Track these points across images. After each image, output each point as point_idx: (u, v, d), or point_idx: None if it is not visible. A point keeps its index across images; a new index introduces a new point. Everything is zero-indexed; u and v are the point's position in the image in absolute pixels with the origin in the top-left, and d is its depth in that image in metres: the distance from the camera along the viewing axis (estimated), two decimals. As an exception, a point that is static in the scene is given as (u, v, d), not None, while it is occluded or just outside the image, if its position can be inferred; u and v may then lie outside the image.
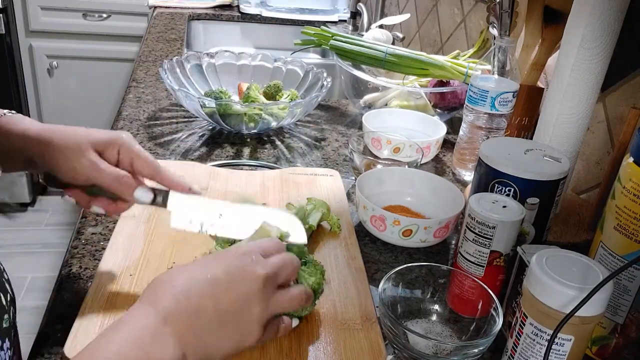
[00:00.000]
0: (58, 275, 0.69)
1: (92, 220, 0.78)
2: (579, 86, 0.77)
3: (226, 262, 0.51)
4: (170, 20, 1.96)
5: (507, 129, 0.97)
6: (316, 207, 0.79)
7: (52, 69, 2.58)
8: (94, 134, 0.63)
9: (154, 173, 0.64)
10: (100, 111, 2.65)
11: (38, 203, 2.78)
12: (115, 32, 2.56)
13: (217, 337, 0.49)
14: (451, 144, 1.12)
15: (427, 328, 0.64)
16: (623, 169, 0.55)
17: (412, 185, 0.89)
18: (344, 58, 1.27)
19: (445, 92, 1.18)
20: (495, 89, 0.92)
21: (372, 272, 0.75)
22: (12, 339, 0.59)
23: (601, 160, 0.89)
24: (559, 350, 0.51)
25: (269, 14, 2.14)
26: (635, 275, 0.56)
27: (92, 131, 0.63)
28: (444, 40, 1.55)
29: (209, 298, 0.48)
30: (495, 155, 0.70)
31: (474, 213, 0.63)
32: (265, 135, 1.12)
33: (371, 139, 1.02)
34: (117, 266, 0.67)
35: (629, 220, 0.54)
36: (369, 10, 2.01)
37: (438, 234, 0.78)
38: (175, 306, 0.48)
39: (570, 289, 0.49)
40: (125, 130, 0.66)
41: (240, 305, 0.49)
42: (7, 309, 0.58)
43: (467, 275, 0.64)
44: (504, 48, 0.98)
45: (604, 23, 0.73)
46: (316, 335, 0.61)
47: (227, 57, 1.28)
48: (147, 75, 1.38)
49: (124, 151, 0.63)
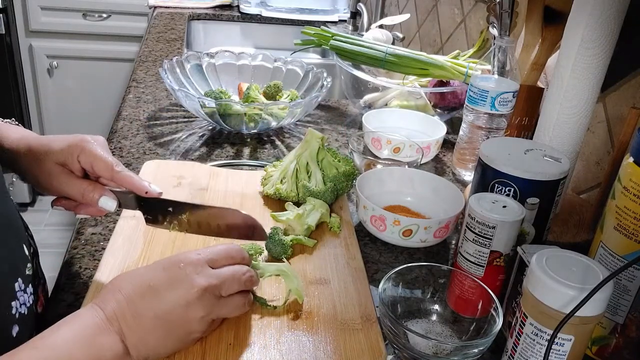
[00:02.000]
0: (58, 275, 0.69)
1: (92, 220, 0.78)
2: (579, 86, 0.77)
3: (171, 270, 0.56)
4: (170, 20, 1.96)
5: (507, 129, 0.97)
6: (315, 207, 0.79)
7: (52, 69, 2.58)
8: (53, 146, 0.64)
9: (112, 177, 0.65)
10: (100, 111, 2.65)
11: (38, 203, 2.78)
12: (115, 32, 2.56)
13: (157, 337, 0.54)
14: (451, 144, 1.12)
15: (427, 328, 0.64)
16: (623, 169, 0.55)
17: (412, 185, 0.89)
18: (344, 58, 1.27)
19: (445, 92, 1.18)
20: (495, 89, 0.92)
21: (372, 272, 0.75)
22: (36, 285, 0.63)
23: (601, 160, 0.89)
24: (559, 350, 0.51)
25: (269, 14, 2.14)
26: (635, 275, 0.56)
27: (53, 143, 0.65)
28: (444, 40, 1.55)
29: (149, 303, 0.53)
30: (495, 155, 0.70)
31: (474, 213, 0.63)
32: (265, 135, 1.12)
33: (371, 139, 1.02)
34: (117, 266, 0.67)
35: (629, 220, 0.54)
36: (369, 10, 2.01)
37: (438, 234, 0.78)
38: (119, 310, 0.53)
39: (570, 289, 0.49)
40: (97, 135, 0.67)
41: (179, 311, 0.54)
42: (31, 259, 0.62)
43: (467, 275, 0.64)
44: (504, 48, 0.98)
45: (604, 23, 0.73)
46: (316, 335, 0.61)
47: (227, 57, 1.27)
48: (147, 75, 1.38)
49: (83, 158, 0.64)
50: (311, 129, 0.86)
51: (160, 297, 0.54)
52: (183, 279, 0.55)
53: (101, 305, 0.53)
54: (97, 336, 0.51)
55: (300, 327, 0.62)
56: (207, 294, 0.55)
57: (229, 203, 0.83)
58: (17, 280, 0.57)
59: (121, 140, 1.03)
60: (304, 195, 0.81)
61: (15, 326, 0.55)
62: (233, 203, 0.83)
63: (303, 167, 0.84)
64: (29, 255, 0.62)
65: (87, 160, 0.64)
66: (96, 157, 0.64)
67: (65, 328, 0.51)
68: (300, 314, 0.64)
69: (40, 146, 0.64)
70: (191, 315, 0.54)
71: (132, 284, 0.55)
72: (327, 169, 0.84)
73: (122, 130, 1.07)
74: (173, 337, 0.55)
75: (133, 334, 0.52)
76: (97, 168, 0.64)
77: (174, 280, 0.55)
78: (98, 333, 0.51)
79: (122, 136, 1.04)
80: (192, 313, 0.54)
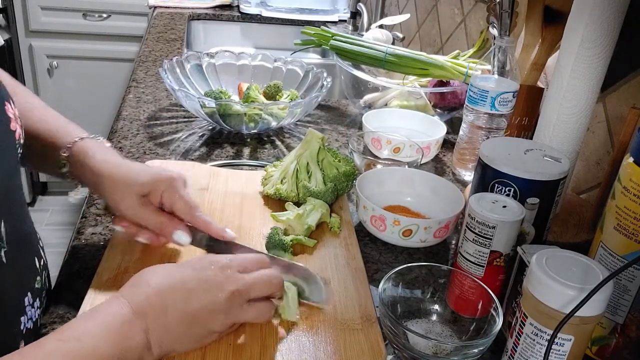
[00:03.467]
0: (58, 275, 0.69)
1: (92, 220, 0.78)
2: (579, 86, 0.77)
3: (202, 272, 0.57)
4: (170, 20, 1.96)
5: (507, 129, 0.97)
6: (315, 207, 0.79)
7: (52, 69, 2.57)
8: (141, 178, 0.67)
9: (191, 218, 0.68)
10: (100, 111, 2.65)
11: (38, 203, 2.78)
12: (115, 32, 2.55)
13: (180, 334, 0.54)
14: (451, 144, 1.12)
15: (427, 328, 0.64)
16: (623, 169, 0.55)
17: (412, 185, 0.89)
18: (344, 58, 1.27)
19: (445, 92, 1.18)
20: (495, 89, 0.92)
21: (372, 272, 0.75)
22: (43, 300, 0.64)
23: (601, 160, 0.89)
24: (559, 350, 0.51)
25: (269, 14, 2.14)
26: (635, 275, 0.56)
27: (141, 173, 0.68)
28: (444, 40, 1.55)
29: (178, 302, 0.54)
30: (495, 155, 0.70)
31: (474, 213, 0.63)
32: (265, 135, 1.12)
33: (371, 139, 1.02)
34: (117, 266, 0.67)
35: (629, 220, 0.54)
36: (369, 10, 2.01)
37: (438, 234, 0.78)
38: (147, 304, 0.53)
39: (570, 289, 0.49)
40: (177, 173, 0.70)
41: (205, 312, 0.55)
42: (40, 272, 0.63)
43: (467, 275, 0.64)
44: (504, 48, 0.97)
45: (604, 23, 0.73)
46: (316, 335, 0.61)
47: (227, 57, 1.27)
48: (147, 75, 1.38)
49: (166, 196, 0.68)
50: (311, 129, 0.86)
51: (189, 295, 0.54)
52: (213, 280, 0.56)
53: (128, 298, 0.53)
54: (123, 329, 0.51)
55: (300, 327, 0.62)
56: (235, 298, 0.56)
57: (229, 203, 0.83)
58: (27, 295, 0.58)
59: (121, 140, 1.03)
60: (304, 196, 0.82)
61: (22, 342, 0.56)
62: (233, 203, 0.83)
63: (303, 167, 0.84)
64: (39, 268, 0.63)
65: (171, 198, 0.67)
66: (180, 198, 0.68)
67: (91, 320, 0.51)
68: (300, 314, 0.64)
69: (122, 175, 0.67)
70: (215, 317, 0.55)
71: (162, 279, 0.55)
72: (328, 169, 0.84)
73: (122, 130, 1.07)
74: (193, 335, 0.55)
75: (158, 328, 0.53)
76: (177, 207, 0.68)
77: (205, 281, 0.56)
78: (124, 326, 0.51)
79: (122, 136, 1.04)
80: (217, 314, 0.55)
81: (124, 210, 0.67)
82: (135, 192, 0.66)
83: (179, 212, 0.68)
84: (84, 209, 0.81)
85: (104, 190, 0.67)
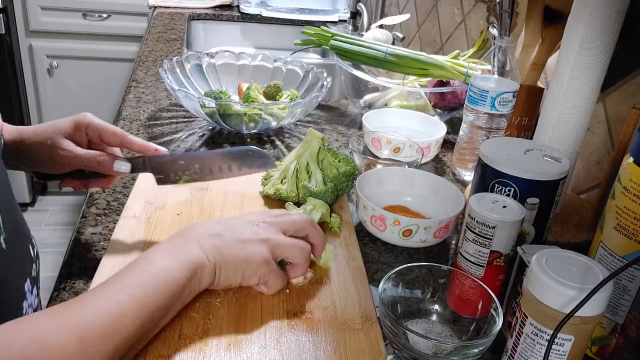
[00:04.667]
0: (58, 275, 0.69)
1: (92, 220, 0.79)
2: (579, 86, 0.77)
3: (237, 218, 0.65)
4: (170, 20, 1.96)
5: (507, 129, 0.97)
6: (316, 207, 0.79)
7: (52, 69, 2.58)
8: (58, 124, 0.69)
9: (121, 141, 0.70)
10: (100, 111, 2.61)
11: (38, 203, 2.78)
12: (115, 32, 2.56)
13: (231, 251, 0.61)
14: (451, 144, 1.12)
15: (427, 328, 0.64)
16: (623, 169, 0.55)
17: (412, 185, 0.89)
18: (344, 58, 1.27)
19: (445, 92, 1.18)
20: (495, 89, 0.92)
21: (372, 272, 0.75)
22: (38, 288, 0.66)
23: (601, 160, 0.89)
24: (559, 350, 0.51)
25: (269, 14, 2.14)
26: (635, 275, 0.56)
27: (56, 122, 0.69)
28: (444, 40, 1.55)
29: (225, 231, 0.62)
30: (495, 155, 0.70)
31: (474, 213, 0.63)
32: (265, 135, 1.12)
33: (371, 139, 1.02)
34: (117, 266, 0.67)
35: (629, 220, 0.54)
36: (369, 10, 2.01)
37: (438, 234, 0.78)
38: (199, 232, 0.61)
39: (570, 289, 0.49)
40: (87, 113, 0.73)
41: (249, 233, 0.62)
42: (35, 260, 0.65)
43: (467, 275, 0.64)
44: (504, 48, 0.98)
45: (604, 23, 0.73)
46: (316, 335, 0.61)
47: (227, 57, 1.28)
48: (147, 75, 1.38)
49: (90, 129, 0.69)
50: (311, 129, 0.86)
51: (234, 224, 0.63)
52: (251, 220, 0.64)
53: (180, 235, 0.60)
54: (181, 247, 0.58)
55: (300, 327, 0.62)
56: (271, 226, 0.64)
57: (229, 203, 0.83)
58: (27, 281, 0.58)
59: (121, 140, 1.03)
60: (304, 196, 0.82)
61: None
62: (233, 203, 0.83)
63: (303, 167, 0.84)
64: (33, 256, 0.63)
65: (95, 131, 0.69)
66: (103, 127, 0.69)
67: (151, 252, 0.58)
68: (300, 314, 0.64)
69: (44, 128, 0.68)
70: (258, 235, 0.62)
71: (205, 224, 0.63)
72: (328, 169, 0.84)
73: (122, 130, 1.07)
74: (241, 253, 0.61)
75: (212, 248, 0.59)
76: (105, 136, 0.69)
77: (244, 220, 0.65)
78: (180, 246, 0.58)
79: (122, 136, 1.04)
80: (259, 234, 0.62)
81: (59, 163, 0.68)
82: (62, 134, 0.67)
83: (109, 140, 0.69)
84: (83, 209, 0.81)
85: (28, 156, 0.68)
